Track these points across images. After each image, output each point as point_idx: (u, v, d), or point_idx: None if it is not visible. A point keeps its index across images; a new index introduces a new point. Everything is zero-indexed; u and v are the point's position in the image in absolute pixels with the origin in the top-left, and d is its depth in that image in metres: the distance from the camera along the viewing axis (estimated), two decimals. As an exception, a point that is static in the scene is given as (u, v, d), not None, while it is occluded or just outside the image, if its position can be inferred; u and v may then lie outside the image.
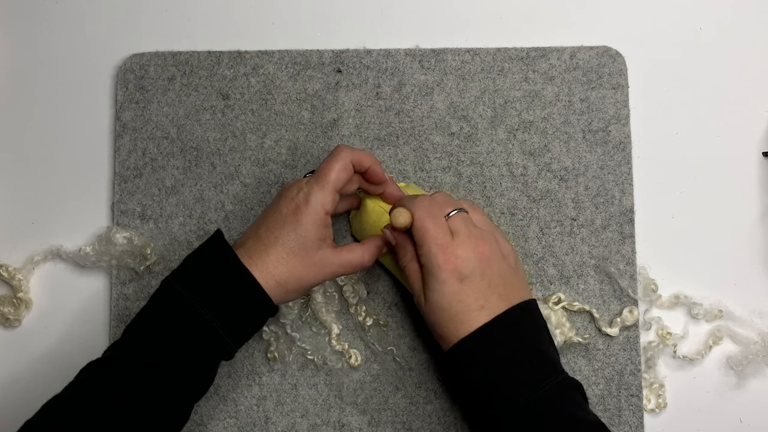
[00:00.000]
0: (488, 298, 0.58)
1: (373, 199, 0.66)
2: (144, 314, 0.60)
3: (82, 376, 0.58)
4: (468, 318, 0.58)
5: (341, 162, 0.61)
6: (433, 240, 0.58)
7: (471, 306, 0.58)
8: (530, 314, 0.60)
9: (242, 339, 0.61)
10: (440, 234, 0.59)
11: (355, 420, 0.68)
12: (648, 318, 0.70)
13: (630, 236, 0.70)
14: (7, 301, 0.70)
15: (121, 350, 0.58)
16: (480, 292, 0.58)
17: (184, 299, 0.58)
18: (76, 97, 0.74)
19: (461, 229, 0.59)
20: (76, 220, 0.72)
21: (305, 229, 0.60)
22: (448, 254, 0.58)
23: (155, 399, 0.56)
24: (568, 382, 0.58)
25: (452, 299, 0.58)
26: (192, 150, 0.72)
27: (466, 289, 0.58)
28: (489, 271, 0.59)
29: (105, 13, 0.75)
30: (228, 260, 0.60)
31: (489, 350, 0.58)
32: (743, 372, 0.69)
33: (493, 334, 0.58)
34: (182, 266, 0.61)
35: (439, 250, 0.58)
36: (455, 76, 0.72)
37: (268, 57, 0.73)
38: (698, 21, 0.74)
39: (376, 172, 0.64)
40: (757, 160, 0.72)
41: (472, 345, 0.58)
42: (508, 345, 0.58)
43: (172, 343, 0.57)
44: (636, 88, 0.73)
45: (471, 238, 0.59)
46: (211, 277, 0.59)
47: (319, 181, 0.61)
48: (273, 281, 0.60)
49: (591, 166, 0.71)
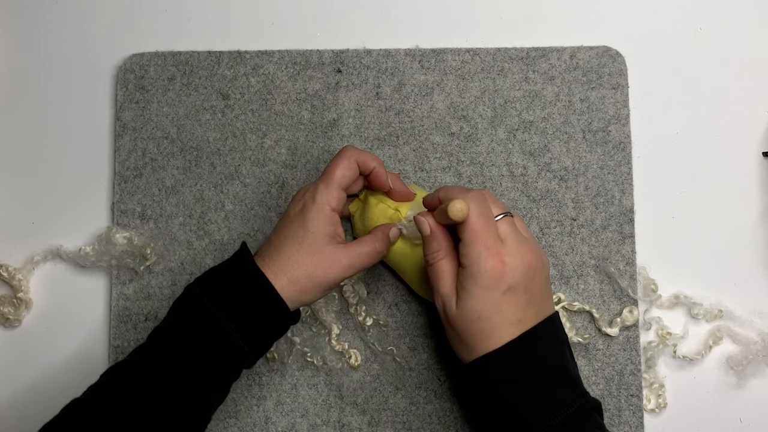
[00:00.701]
0: (526, 312, 0.56)
1: (377, 196, 0.66)
2: (166, 319, 0.60)
3: (103, 379, 0.58)
4: (502, 331, 0.55)
5: (346, 161, 0.62)
6: (484, 242, 0.55)
7: (509, 319, 0.55)
8: (555, 330, 0.58)
9: (258, 344, 0.60)
10: (492, 237, 0.55)
11: (355, 420, 0.68)
12: (648, 318, 0.70)
13: (630, 236, 0.70)
14: (7, 301, 0.71)
15: (141, 354, 0.58)
16: (520, 305, 0.56)
17: (200, 302, 0.58)
18: (76, 97, 0.74)
19: (510, 234, 0.57)
20: (76, 220, 0.72)
21: (312, 224, 0.60)
22: (497, 260, 0.55)
23: (173, 405, 0.56)
24: (589, 403, 0.57)
25: (492, 309, 0.55)
26: (192, 150, 0.72)
27: (509, 300, 0.55)
28: (532, 284, 0.56)
29: (105, 13, 0.75)
30: (243, 263, 0.60)
31: (514, 368, 0.56)
32: (743, 372, 0.69)
33: (520, 351, 0.56)
34: (204, 273, 0.61)
35: (489, 254, 0.55)
36: (455, 76, 0.72)
37: (268, 57, 0.73)
38: (698, 21, 0.74)
39: (380, 174, 0.63)
40: (757, 160, 0.72)
41: (498, 361, 0.56)
42: (533, 363, 0.56)
43: (188, 347, 0.57)
44: (636, 88, 0.73)
45: (520, 245, 0.56)
46: (226, 280, 0.60)
47: (324, 179, 0.62)
48: (284, 279, 0.59)
49: (591, 166, 0.71)
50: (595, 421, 0.57)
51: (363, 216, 0.67)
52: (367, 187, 0.67)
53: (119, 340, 0.70)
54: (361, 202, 0.68)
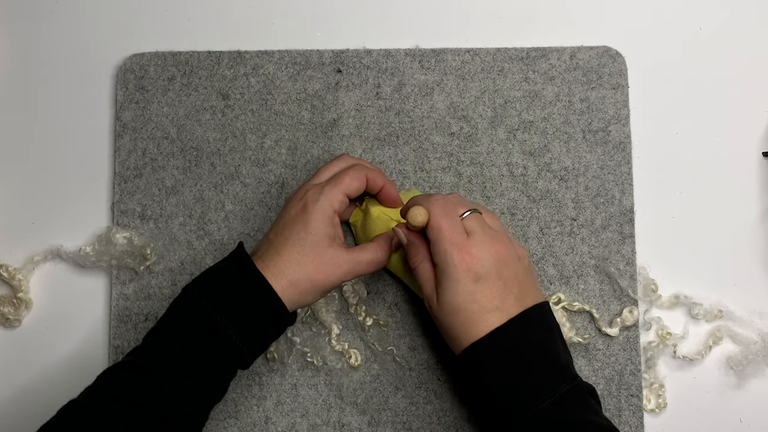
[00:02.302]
0: (504, 299, 0.57)
1: (378, 206, 0.66)
2: (162, 320, 0.60)
3: (100, 380, 0.58)
4: (482, 319, 0.57)
5: (358, 172, 0.63)
6: (448, 238, 0.57)
7: (486, 306, 0.57)
8: (544, 317, 0.59)
9: (257, 345, 0.60)
10: (456, 233, 0.58)
11: (355, 420, 0.68)
12: (648, 318, 0.70)
13: (630, 236, 0.70)
14: (7, 301, 0.70)
15: (139, 355, 0.58)
16: (495, 292, 0.57)
17: (198, 303, 0.58)
18: (76, 97, 0.74)
19: (476, 228, 0.59)
20: (76, 220, 0.72)
21: (314, 225, 0.61)
22: (464, 253, 0.57)
23: (169, 405, 0.56)
24: (581, 387, 0.58)
25: (467, 299, 0.57)
26: (192, 150, 0.72)
27: (482, 289, 0.57)
28: (505, 271, 0.58)
29: (105, 13, 0.75)
30: (242, 264, 0.60)
31: (502, 354, 0.57)
32: (743, 372, 0.69)
33: (506, 337, 0.57)
34: (201, 273, 0.61)
35: (454, 249, 0.57)
36: (455, 76, 0.72)
37: (268, 57, 0.73)
38: (698, 21, 0.74)
39: (390, 193, 0.65)
40: (757, 160, 0.72)
41: (485, 348, 0.57)
42: (521, 349, 0.57)
43: (186, 347, 0.57)
44: (636, 88, 0.73)
45: (486, 237, 0.58)
46: (225, 281, 0.60)
47: (330, 182, 0.62)
48: (285, 281, 0.59)
49: (591, 166, 0.71)
50: (590, 405, 0.57)
51: (365, 227, 0.67)
52: (368, 195, 0.67)
53: (119, 340, 0.70)
54: (363, 213, 0.68)
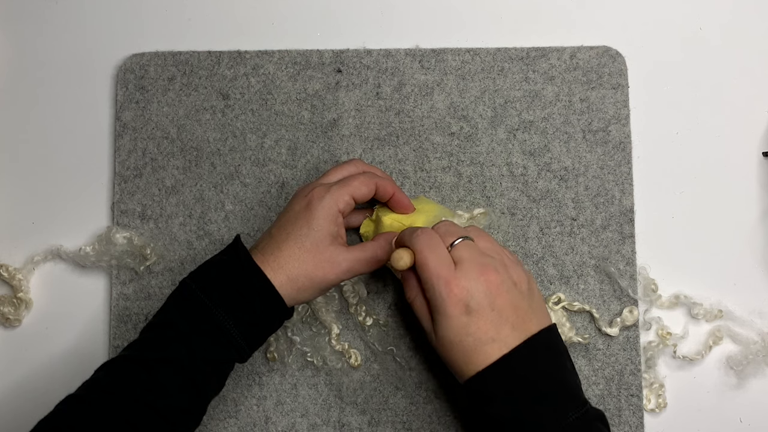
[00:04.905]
0: (499, 330, 0.55)
1: (390, 214, 0.66)
2: (159, 314, 0.60)
3: (97, 375, 0.58)
4: (480, 352, 0.55)
5: (368, 178, 0.63)
6: (435, 273, 0.56)
7: (481, 339, 0.55)
8: (549, 344, 0.58)
9: (254, 339, 0.60)
10: (442, 266, 0.56)
11: (355, 420, 0.68)
12: (648, 318, 0.70)
13: (630, 236, 0.70)
14: (7, 301, 0.71)
15: (136, 349, 0.59)
16: (490, 323, 0.55)
17: (196, 297, 0.58)
18: (76, 97, 0.74)
19: (465, 257, 0.56)
20: (76, 220, 0.72)
21: (317, 222, 0.61)
22: (452, 286, 0.55)
23: (166, 399, 0.56)
24: (590, 414, 0.56)
25: (460, 332, 0.55)
26: (192, 150, 0.72)
27: (475, 321, 0.55)
28: (499, 300, 0.56)
29: (105, 13, 0.75)
30: (240, 258, 0.60)
31: (508, 384, 0.55)
32: (743, 372, 0.69)
33: (511, 367, 0.55)
34: (199, 267, 0.61)
35: (441, 283, 0.55)
36: (455, 76, 0.72)
37: (268, 57, 0.73)
38: (698, 21, 0.74)
39: (401, 199, 0.65)
40: (757, 160, 0.72)
41: (489, 379, 0.55)
42: (528, 378, 0.55)
43: (184, 341, 0.57)
44: (636, 88, 0.73)
45: (475, 266, 0.56)
46: (223, 275, 0.60)
47: (339, 183, 0.62)
48: (284, 277, 0.60)
49: (591, 166, 0.71)
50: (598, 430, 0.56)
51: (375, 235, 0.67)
52: (378, 204, 0.67)
53: (119, 340, 0.70)
54: (373, 223, 0.68)
